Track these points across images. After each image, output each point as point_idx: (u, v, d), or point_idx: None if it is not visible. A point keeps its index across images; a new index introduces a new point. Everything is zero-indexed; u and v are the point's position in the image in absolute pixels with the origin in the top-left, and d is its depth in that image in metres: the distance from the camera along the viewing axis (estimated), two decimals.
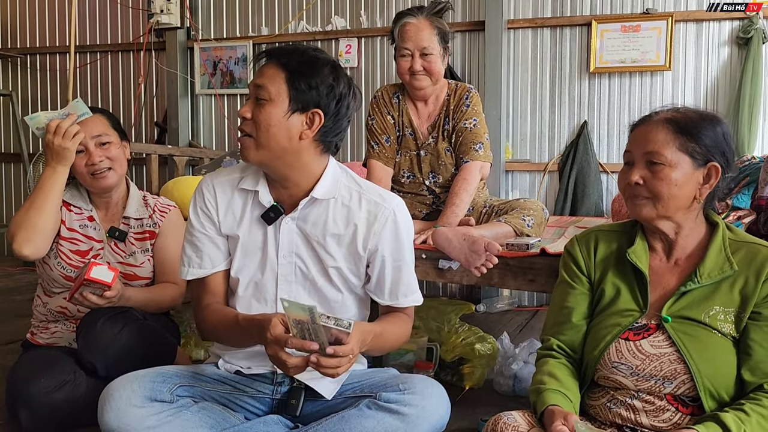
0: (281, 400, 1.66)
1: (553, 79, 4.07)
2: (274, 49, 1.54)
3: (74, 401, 1.83)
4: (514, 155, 4.17)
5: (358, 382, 1.67)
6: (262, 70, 1.51)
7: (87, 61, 5.21)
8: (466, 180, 2.35)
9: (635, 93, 3.92)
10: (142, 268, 2.11)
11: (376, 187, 1.65)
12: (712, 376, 1.34)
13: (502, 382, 2.41)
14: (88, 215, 2.10)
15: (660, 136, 1.38)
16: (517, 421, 1.38)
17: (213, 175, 1.65)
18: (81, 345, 1.88)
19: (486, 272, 1.98)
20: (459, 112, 2.41)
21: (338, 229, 1.57)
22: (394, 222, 1.59)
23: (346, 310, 1.66)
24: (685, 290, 1.40)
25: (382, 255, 1.59)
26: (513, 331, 3.38)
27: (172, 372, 1.59)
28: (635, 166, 1.42)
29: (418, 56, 2.33)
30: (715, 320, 1.36)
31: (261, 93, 1.48)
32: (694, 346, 1.35)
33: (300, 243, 1.59)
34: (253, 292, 1.62)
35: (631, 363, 1.39)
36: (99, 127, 2.05)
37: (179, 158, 4.12)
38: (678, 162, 1.37)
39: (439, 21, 2.36)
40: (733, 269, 1.38)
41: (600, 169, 3.96)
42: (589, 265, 1.53)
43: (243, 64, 4.73)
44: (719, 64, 3.75)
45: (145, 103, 5.08)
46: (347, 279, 1.63)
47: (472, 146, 2.38)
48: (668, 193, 1.38)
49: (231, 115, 4.86)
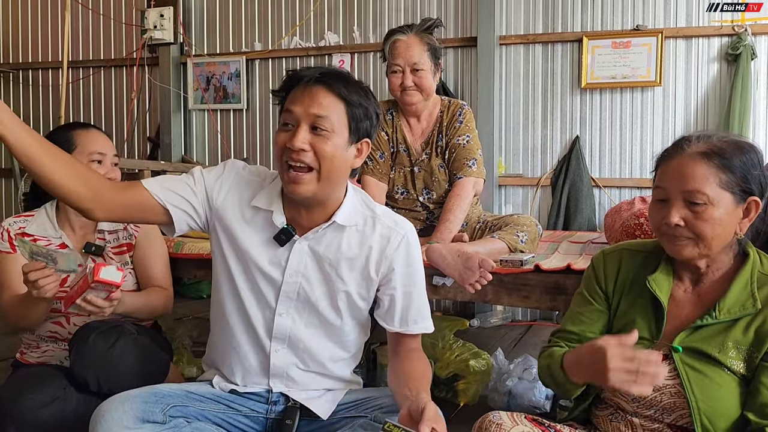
0: (276, 419, 1.65)
1: (545, 95, 4.10)
2: (321, 73, 1.45)
3: (63, 418, 1.80)
4: (507, 170, 4.18)
5: (354, 402, 1.66)
6: (316, 97, 1.42)
7: (80, 77, 5.21)
8: (460, 196, 2.35)
9: (626, 108, 3.95)
10: (124, 282, 2.10)
11: (390, 212, 1.64)
12: (711, 414, 1.30)
13: (497, 398, 2.40)
14: (59, 243, 2.06)
15: (699, 172, 1.29)
16: (502, 419, 1.39)
17: (238, 164, 1.60)
18: (73, 359, 1.86)
19: (480, 288, 1.98)
20: (452, 128, 2.42)
21: (352, 252, 1.55)
22: (407, 246, 1.58)
23: (345, 335, 1.64)
24: (701, 324, 1.35)
25: (394, 279, 1.58)
26: (507, 347, 3.38)
27: (164, 392, 1.57)
28: (672, 204, 1.32)
29: (409, 72, 2.35)
30: (726, 356, 1.32)
31: (322, 123, 1.41)
32: (698, 382, 1.32)
33: (309, 264, 1.56)
34: (257, 301, 1.59)
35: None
36: (114, 148, 2.13)
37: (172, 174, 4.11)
38: (719, 200, 1.29)
39: (429, 37, 2.38)
40: (755, 307, 1.31)
41: (592, 184, 3.98)
42: (610, 284, 1.50)
43: (236, 79, 4.74)
44: (709, 80, 3.78)
45: (138, 118, 5.07)
46: (354, 304, 1.61)
47: (465, 162, 2.39)
48: (712, 233, 1.30)
49: (224, 131, 4.86)
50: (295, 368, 1.64)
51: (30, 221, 2.05)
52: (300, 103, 1.43)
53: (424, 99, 2.41)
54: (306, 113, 1.42)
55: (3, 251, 2.00)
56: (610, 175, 3.98)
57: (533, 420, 1.44)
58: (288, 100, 1.47)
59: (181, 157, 4.82)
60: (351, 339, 1.67)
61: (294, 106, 1.43)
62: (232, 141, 4.86)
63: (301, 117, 1.42)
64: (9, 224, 2.03)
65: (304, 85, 1.44)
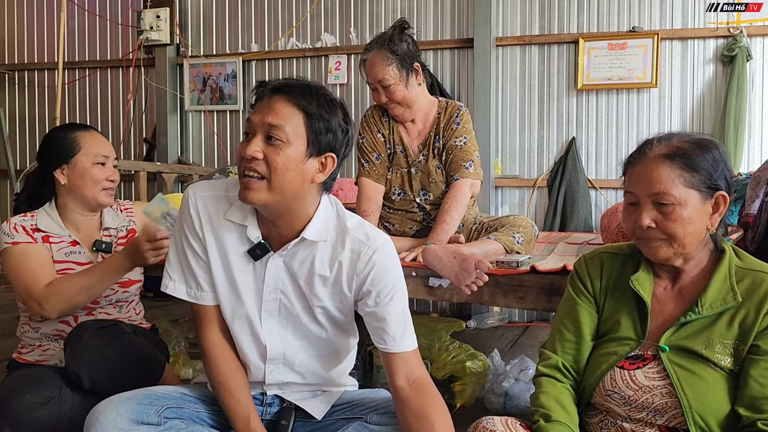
0: (271, 420, 1.65)
1: (541, 96, 4.11)
2: (283, 84, 1.43)
3: (59, 419, 1.80)
4: (503, 171, 4.19)
5: (349, 403, 1.66)
6: (274, 107, 1.40)
7: (76, 78, 5.20)
8: (456, 197, 2.35)
9: (622, 110, 3.95)
10: (132, 271, 2.11)
11: (365, 225, 1.55)
12: (703, 411, 1.30)
13: (494, 399, 2.40)
14: (70, 241, 2.08)
15: (663, 174, 1.32)
16: (496, 425, 1.38)
17: (200, 189, 1.56)
18: (68, 356, 1.86)
19: (476, 290, 1.98)
20: (449, 129, 2.42)
21: (324, 270, 1.51)
22: (379, 261, 1.50)
23: (333, 345, 1.62)
24: (685, 321, 1.37)
25: (368, 295, 1.51)
26: (503, 348, 3.38)
27: (159, 393, 1.56)
28: (643, 208, 1.35)
29: (381, 89, 2.35)
30: (713, 352, 1.33)
31: (276, 133, 1.38)
32: (687, 380, 1.32)
33: (286, 280, 1.53)
34: (241, 325, 1.56)
35: (624, 393, 1.38)
36: (113, 151, 2.14)
37: (168, 175, 4.10)
38: (687, 199, 1.32)
39: (393, 47, 2.33)
40: (736, 300, 1.33)
41: (588, 185, 3.98)
42: (595, 287, 1.51)
43: (233, 80, 4.74)
44: (704, 81, 3.79)
45: (134, 119, 5.07)
46: (333, 317, 1.57)
47: (462, 164, 2.39)
48: (683, 232, 1.33)
49: (221, 132, 4.85)
50: (290, 384, 1.64)
51: (36, 219, 2.06)
52: (258, 113, 1.41)
53: (406, 108, 2.41)
54: (262, 122, 1.39)
55: (23, 242, 1.99)
56: (606, 177, 3.99)
57: (528, 428, 1.44)
58: (253, 110, 1.46)
59: (178, 159, 4.82)
60: (340, 347, 1.65)
61: (253, 116, 1.42)
62: (228, 142, 4.85)
63: (257, 126, 1.40)
64: (19, 221, 2.03)
65: (267, 95, 1.43)
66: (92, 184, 2.05)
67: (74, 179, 2.06)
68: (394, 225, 2.52)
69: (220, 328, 1.59)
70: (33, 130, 5.34)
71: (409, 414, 1.46)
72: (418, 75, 2.41)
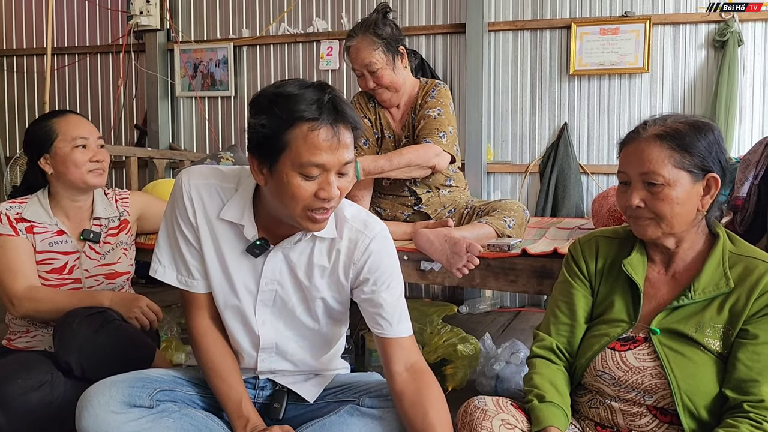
0: (263, 404, 1.65)
1: (533, 82, 4.10)
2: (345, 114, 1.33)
3: (51, 402, 1.80)
4: (495, 157, 4.19)
5: (341, 386, 1.67)
6: (344, 142, 1.34)
7: (65, 63, 5.15)
8: (416, 149, 2.29)
9: (614, 95, 3.96)
10: (120, 263, 2.11)
11: (362, 213, 1.55)
12: (691, 393, 1.32)
13: (485, 382, 2.42)
14: (56, 230, 2.07)
15: (654, 154, 1.33)
16: (487, 405, 1.41)
17: (193, 176, 1.53)
18: (57, 344, 1.86)
19: (467, 273, 1.99)
20: (423, 103, 2.41)
21: (323, 260, 1.51)
22: (376, 249, 1.50)
23: (324, 335, 1.62)
24: (678, 305, 1.38)
25: (365, 283, 1.51)
26: (495, 332, 3.40)
27: (152, 376, 1.56)
28: (633, 187, 1.37)
29: (368, 74, 2.34)
30: (703, 336, 1.34)
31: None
32: (677, 362, 1.34)
33: (285, 271, 1.52)
34: (234, 315, 1.56)
35: (614, 374, 1.40)
36: (97, 131, 2.12)
37: (159, 161, 4.08)
38: (676, 179, 1.33)
39: (377, 32, 2.32)
40: (729, 286, 1.34)
41: (580, 171, 3.99)
42: (590, 270, 1.52)
43: (224, 66, 4.71)
44: (696, 66, 3.80)
45: (125, 105, 5.03)
46: (332, 308, 1.57)
47: (436, 132, 2.33)
48: (671, 212, 1.34)
49: (212, 118, 4.83)
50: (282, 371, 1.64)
51: (24, 207, 2.05)
52: (334, 151, 1.32)
53: (394, 92, 2.41)
54: (341, 160, 1.34)
55: (4, 234, 1.99)
56: (597, 162, 4.00)
57: (518, 407, 1.45)
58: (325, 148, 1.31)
59: (169, 145, 4.79)
60: (332, 336, 1.65)
61: (328, 157, 1.32)
62: (219, 128, 4.83)
63: (334, 166, 1.33)
64: (5, 209, 2.03)
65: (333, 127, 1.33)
66: (75, 169, 2.03)
67: (57, 166, 2.05)
68: (385, 210, 2.52)
69: (211, 314, 1.59)
70: (23, 116, 5.29)
71: (405, 401, 1.47)
72: (404, 58, 2.40)
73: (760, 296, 1.31)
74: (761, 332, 1.30)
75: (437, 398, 1.47)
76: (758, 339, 1.30)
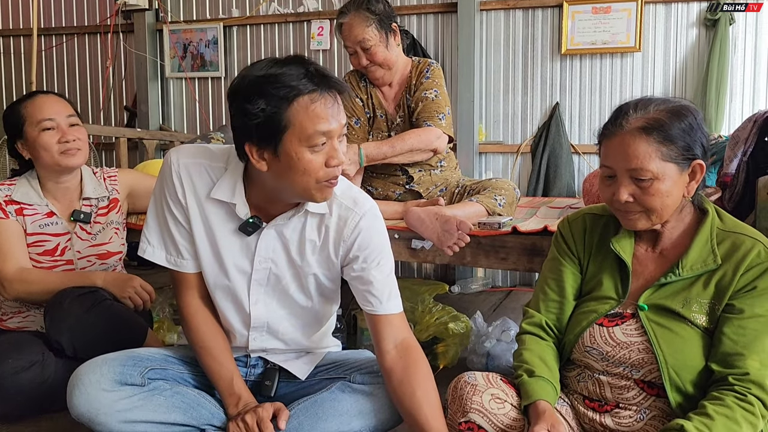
0: (255, 382, 1.66)
1: (525, 61, 4.09)
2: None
3: (42, 382, 1.81)
4: (487, 137, 4.18)
5: (332, 364, 1.68)
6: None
7: (53, 44, 5.09)
8: (418, 134, 2.31)
9: (606, 74, 3.95)
10: (112, 243, 2.10)
11: (353, 190, 1.55)
12: (678, 368, 1.34)
13: (476, 360, 2.43)
14: (47, 212, 2.06)
15: (641, 150, 1.30)
16: (477, 380, 1.43)
17: (182, 154, 1.51)
18: (48, 324, 1.86)
19: (458, 251, 1.99)
20: (419, 84, 2.40)
21: (313, 235, 1.51)
22: (365, 226, 1.50)
23: (316, 313, 1.63)
24: (665, 282, 1.38)
25: (354, 260, 1.52)
26: (487, 311, 3.42)
27: (143, 355, 1.57)
28: (620, 183, 1.34)
29: (361, 51, 2.33)
30: (690, 311, 1.35)
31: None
32: (664, 337, 1.35)
33: (278, 249, 1.52)
34: (225, 295, 1.56)
35: (602, 349, 1.41)
36: (68, 108, 2.06)
37: (149, 142, 4.06)
38: (664, 172, 1.31)
39: (370, 8, 2.31)
40: (716, 263, 1.34)
41: (572, 150, 4.00)
42: (579, 247, 1.52)
43: (214, 46, 4.66)
44: (687, 45, 3.79)
45: (114, 86, 4.98)
46: (323, 285, 1.58)
47: (435, 115, 2.35)
48: (661, 204, 1.34)
49: (202, 99, 4.79)
50: (273, 349, 1.65)
51: (14, 189, 2.03)
52: (335, 116, 1.36)
53: (387, 70, 2.40)
54: (341, 124, 1.38)
55: None
56: (589, 142, 4.00)
57: (508, 382, 1.47)
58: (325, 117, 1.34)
59: (159, 126, 4.76)
60: (324, 314, 1.66)
61: (332, 123, 1.35)
62: (210, 109, 4.79)
63: (337, 131, 1.37)
64: None
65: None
66: (45, 152, 2.00)
67: (31, 151, 2.03)
68: (377, 189, 2.52)
69: (201, 294, 1.59)
70: (10, 97, 5.23)
71: (394, 379, 1.48)
72: (396, 36, 2.39)
73: (746, 271, 1.32)
74: (747, 307, 1.31)
75: (424, 376, 1.48)
76: (744, 313, 1.31)
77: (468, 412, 1.40)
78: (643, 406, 1.39)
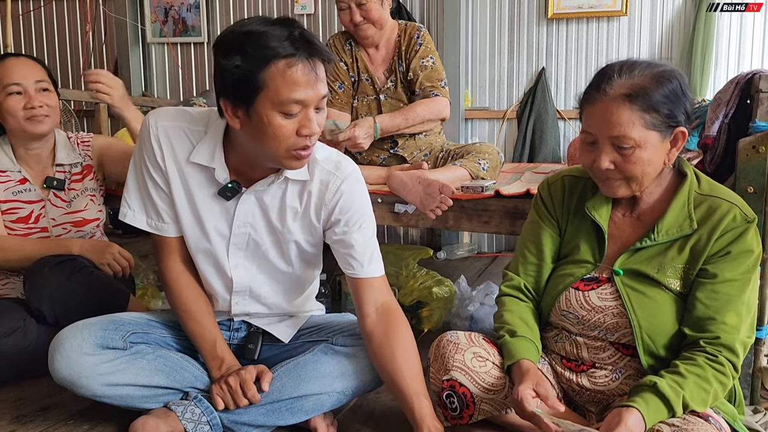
0: (239, 345, 1.67)
1: (511, 26, 4.04)
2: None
3: (24, 348, 1.81)
4: (473, 103, 4.16)
5: (315, 327, 1.69)
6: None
7: (30, 9, 4.96)
8: (428, 105, 2.36)
9: (592, 39, 3.92)
10: (88, 210, 2.08)
11: (334, 155, 1.53)
12: (651, 332, 1.35)
13: (459, 323, 2.45)
14: (19, 178, 2.03)
15: (624, 117, 1.28)
16: (459, 339, 1.45)
17: (161, 117, 1.49)
18: (28, 292, 1.85)
19: (441, 214, 1.99)
20: (412, 51, 2.40)
21: (294, 202, 1.50)
22: (347, 190, 1.49)
23: (297, 279, 1.63)
24: (641, 246, 1.38)
25: (336, 224, 1.51)
26: (471, 276, 3.44)
27: (125, 319, 1.57)
28: (601, 150, 1.32)
29: (355, 7, 2.30)
30: (664, 275, 1.35)
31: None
32: (638, 301, 1.36)
33: (257, 214, 1.51)
34: (206, 259, 1.56)
35: (578, 313, 1.42)
36: (39, 73, 2.00)
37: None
38: (647, 140, 1.29)
39: None
40: (692, 227, 1.34)
41: (557, 116, 3.99)
42: (558, 210, 1.52)
43: (195, 11, 4.57)
44: (674, 9, 3.76)
45: (94, 52, 4.88)
46: (305, 251, 1.57)
47: (438, 83, 2.39)
48: (642, 172, 1.32)
49: (185, 65, 4.71)
50: (257, 313, 1.65)
51: None
52: (312, 86, 1.34)
53: (379, 29, 2.38)
54: (318, 95, 1.38)
55: None
56: (574, 108, 3.98)
57: (490, 342, 1.48)
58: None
59: (141, 93, 4.69)
60: (305, 279, 1.66)
61: (308, 92, 1.33)
62: (193, 75, 4.72)
63: (313, 101, 1.36)
64: None
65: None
66: (10, 117, 1.96)
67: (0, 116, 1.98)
68: (361, 153, 2.51)
69: (182, 258, 1.58)
70: None
71: (374, 342, 1.49)
72: None
73: (721, 236, 1.32)
74: (720, 271, 1.31)
75: (404, 340, 1.49)
76: (717, 278, 1.31)
77: (450, 369, 1.42)
78: (619, 365, 1.41)
